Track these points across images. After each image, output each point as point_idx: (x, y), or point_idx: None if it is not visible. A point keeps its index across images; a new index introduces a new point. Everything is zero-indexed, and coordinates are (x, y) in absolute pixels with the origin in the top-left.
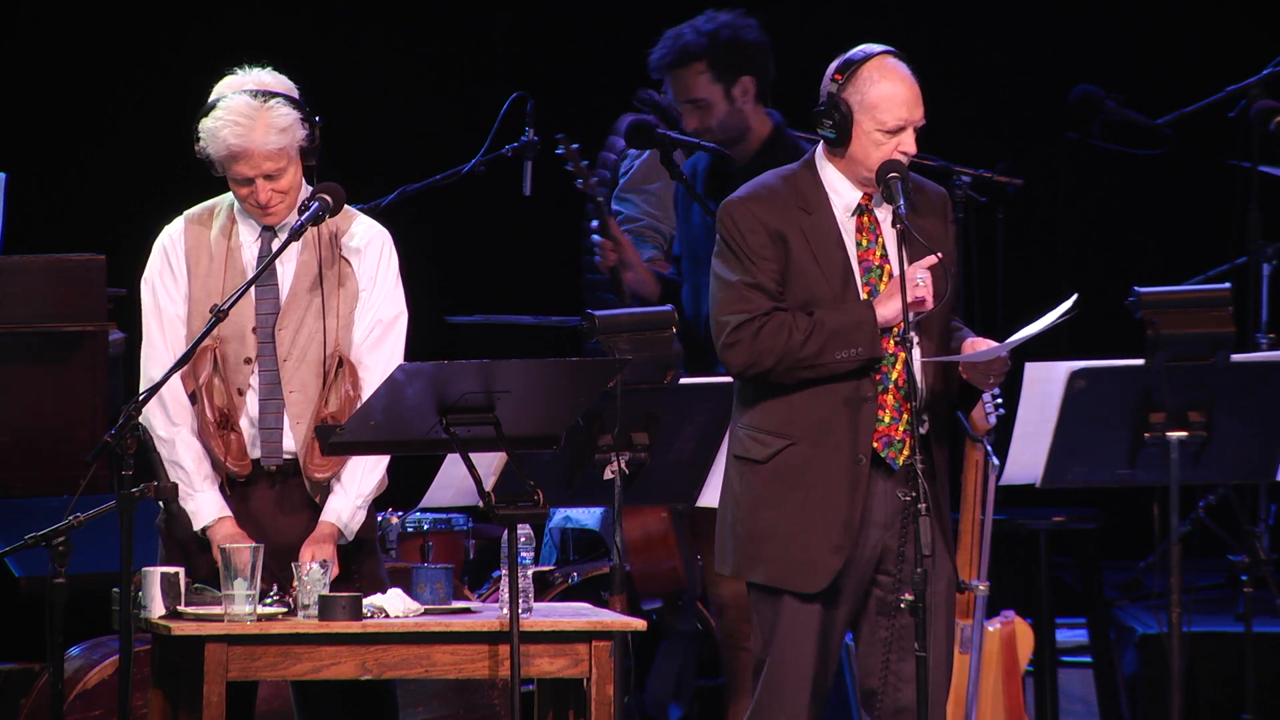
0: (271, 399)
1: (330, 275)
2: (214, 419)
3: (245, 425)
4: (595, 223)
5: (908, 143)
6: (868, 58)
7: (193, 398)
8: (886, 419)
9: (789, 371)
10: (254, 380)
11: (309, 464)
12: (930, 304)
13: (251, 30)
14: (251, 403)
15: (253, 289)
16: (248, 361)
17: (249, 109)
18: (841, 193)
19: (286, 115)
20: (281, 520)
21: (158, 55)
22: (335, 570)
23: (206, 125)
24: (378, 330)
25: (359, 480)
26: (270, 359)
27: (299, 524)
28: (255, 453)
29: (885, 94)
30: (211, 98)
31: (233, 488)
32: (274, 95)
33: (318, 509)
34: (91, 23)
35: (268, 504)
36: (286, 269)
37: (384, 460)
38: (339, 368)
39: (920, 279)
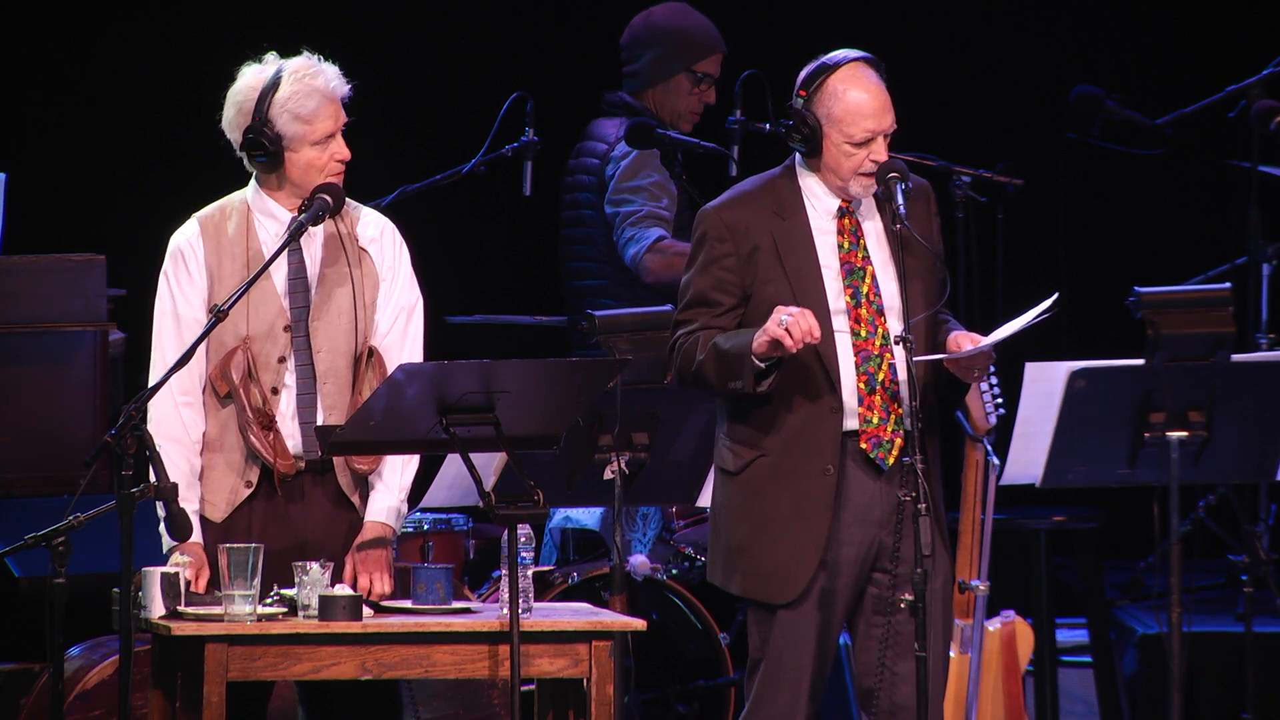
0: (307, 393)
1: (355, 266)
2: (255, 419)
3: (282, 423)
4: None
5: (879, 151)
6: (833, 69)
7: (227, 399)
8: (874, 419)
9: (709, 391)
10: (289, 378)
11: (351, 457)
12: (790, 345)
13: (251, 31)
14: (287, 400)
15: (284, 286)
16: (281, 360)
17: (314, 62)
18: (821, 196)
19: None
20: (314, 518)
21: (158, 56)
22: (391, 586)
23: (287, 91)
24: (402, 318)
25: (399, 474)
26: (304, 353)
27: (331, 521)
28: (294, 449)
29: (850, 108)
30: (261, 83)
31: (281, 486)
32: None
33: (349, 505)
34: (91, 23)
35: (301, 502)
36: (312, 262)
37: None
38: (369, 357)
39: (784, 319)
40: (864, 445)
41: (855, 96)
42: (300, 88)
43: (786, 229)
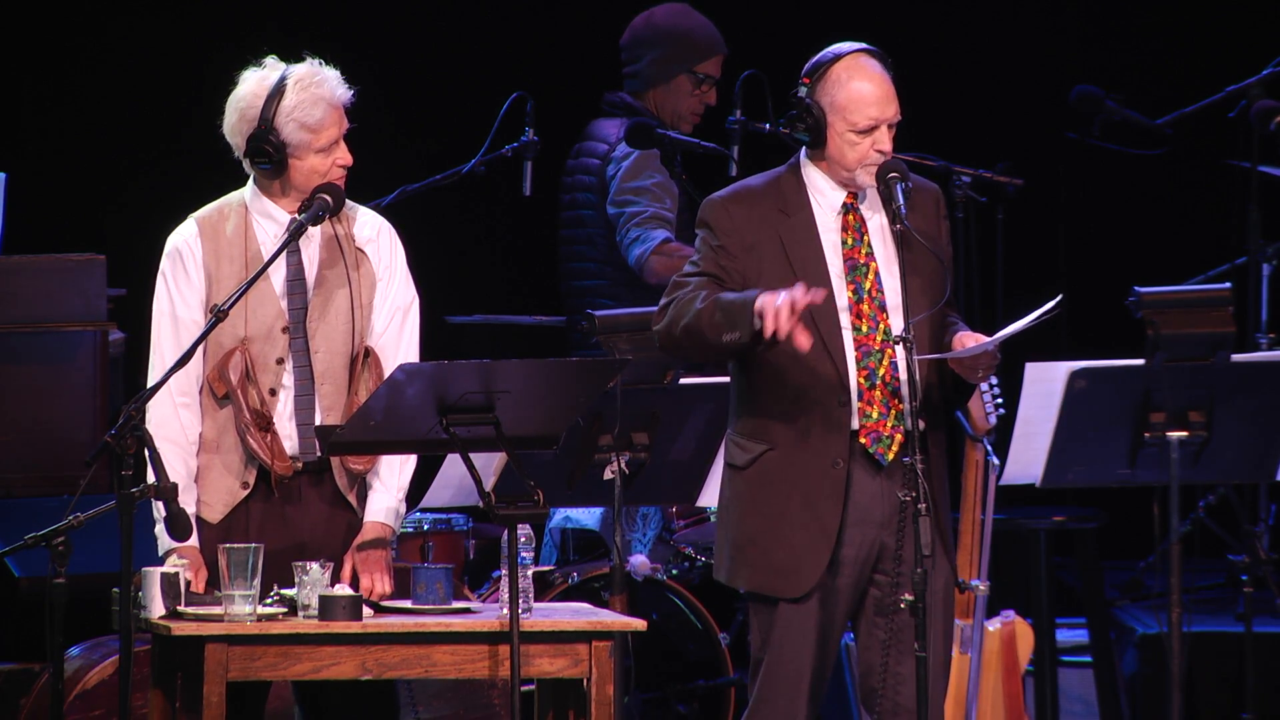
0: (305, 394)
1: (352, 266)
2: (253, 421)
3: (280, 425)
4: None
5: (883, 141)
6: (836, 58)
7: (224, 400)
8: (874, 415)
9: (696, 348)
10: (287, 379)
11: (348, 456)
12: (781, 328)
13: (251, 31)
14: (285, 401)
15: (282, 288)
16: (280, 362)
17: (319, 69)
18: (826, 193)
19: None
20: (311, 519)
21: (158, 56)
22: (391, 586)
23: (293, 99)
24: (398, 317)
25: (397, 474)
26: (302, 354)
27: (329, 521)
28: (291, 450)
29: (854, 95)
30: (265, 88)
31: (279, 487)
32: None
33: (346, 505)
34: (91, 23)
35: (298, 503)
36: (310, 263)
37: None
38: (365, 358)
39: (778, 300)
40: (863, 440)
41: (858, 84)
42: (306, 96)
43: (792, 225)
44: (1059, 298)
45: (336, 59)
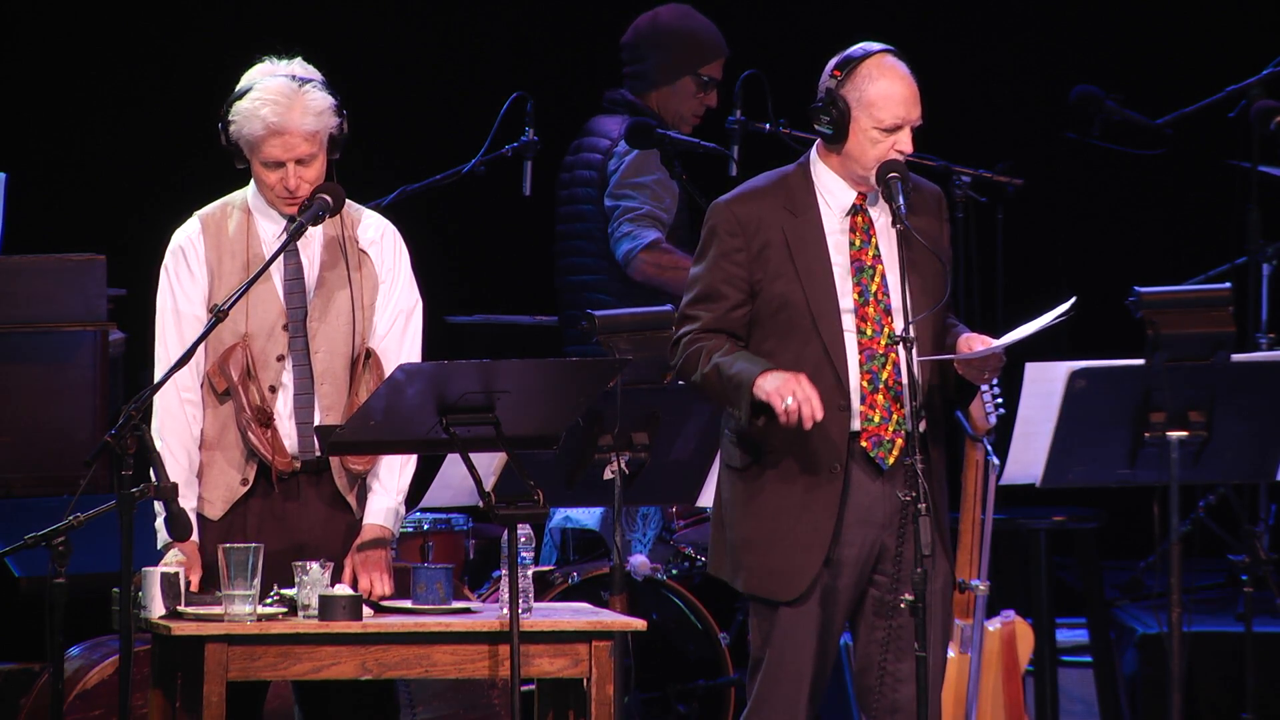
0: (304, 393)
1: (353, 268)
2: (253, 416)
3: (280, 423)
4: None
5: (904, 142)
6: (867, 55)
7: (225, 395)
8: (876, 419)
9: (712, 401)
10: (286, 378)
11: (347, 456)
12: (796, 417)
13: (250, 31)
14: (284, 400)
15: (280, 286)
16: (280, 359)
17: (288, 89)
18: (835, 193)
19: (322, 100)
20: (311, 519)
21: (158, 55)
22: (390, 588)
23: (241, 106)
24: (400, 320)
25: (397, 476)
26: (302, 353)
27: (328, 522)
28: (291, 448)
29: (883, 92)
30: (242, 84)
31: (279, 484)
32: (309, 81)
33: (346, 506)
34: (92, 21)
35: (297, 501)
36: (310, 264)
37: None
38: (366, 359)
39: (788, 403)
40: (865, 444)
41: (888, 82)
42: (251, 108)
43: (798, 225)
44: (1073, 299)
45: (337, 59)
